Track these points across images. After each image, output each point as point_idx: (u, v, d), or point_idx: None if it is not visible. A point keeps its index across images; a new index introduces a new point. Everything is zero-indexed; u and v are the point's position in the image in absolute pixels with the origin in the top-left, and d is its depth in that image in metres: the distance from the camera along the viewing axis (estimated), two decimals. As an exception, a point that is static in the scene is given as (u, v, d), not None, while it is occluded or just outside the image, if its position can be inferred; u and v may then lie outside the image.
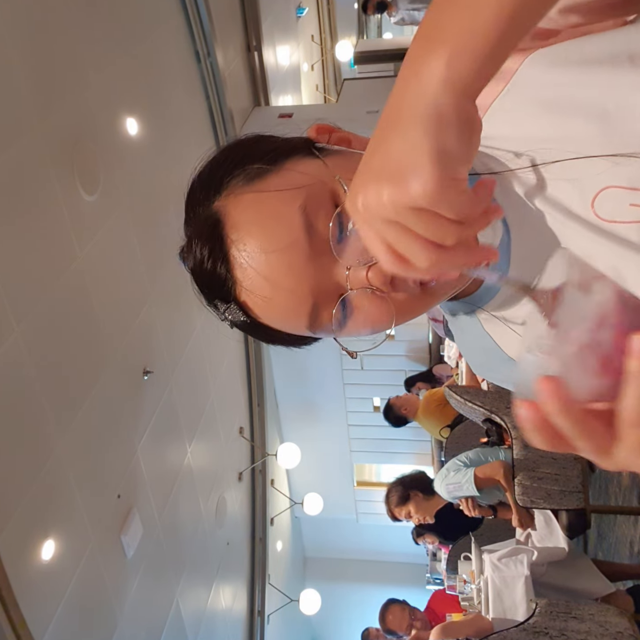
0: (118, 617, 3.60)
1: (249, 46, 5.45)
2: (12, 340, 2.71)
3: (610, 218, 0.65)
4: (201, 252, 0.66)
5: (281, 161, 0.66)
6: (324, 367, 7.20)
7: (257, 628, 6.25)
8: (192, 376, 4.68)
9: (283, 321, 0.67)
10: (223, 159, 0.69)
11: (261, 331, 0.69)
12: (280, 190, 0.64)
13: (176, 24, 4.31)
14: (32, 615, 2.75)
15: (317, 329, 0.67)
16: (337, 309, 0.65)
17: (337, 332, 0.67)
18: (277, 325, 0.68)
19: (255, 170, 0.66)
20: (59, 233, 3.05)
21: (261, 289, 0.64)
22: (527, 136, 0.67)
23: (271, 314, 0.66)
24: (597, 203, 0.66)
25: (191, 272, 0.69)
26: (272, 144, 0.69)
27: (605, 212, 0.65)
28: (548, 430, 0.46)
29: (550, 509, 3.13)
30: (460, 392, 3.47)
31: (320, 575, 9.12)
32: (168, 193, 3.63)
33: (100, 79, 3.36)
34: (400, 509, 3.90)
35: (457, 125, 0.49)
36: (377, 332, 0.69)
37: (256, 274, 0.63)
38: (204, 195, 0.68)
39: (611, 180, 0.64)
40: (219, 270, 0.65)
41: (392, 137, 0.50)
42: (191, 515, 4.78)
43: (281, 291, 0.64)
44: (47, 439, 2.97)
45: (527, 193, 0.68)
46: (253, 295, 0.65)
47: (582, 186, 0.66)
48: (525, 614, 2.70)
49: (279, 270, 0.63)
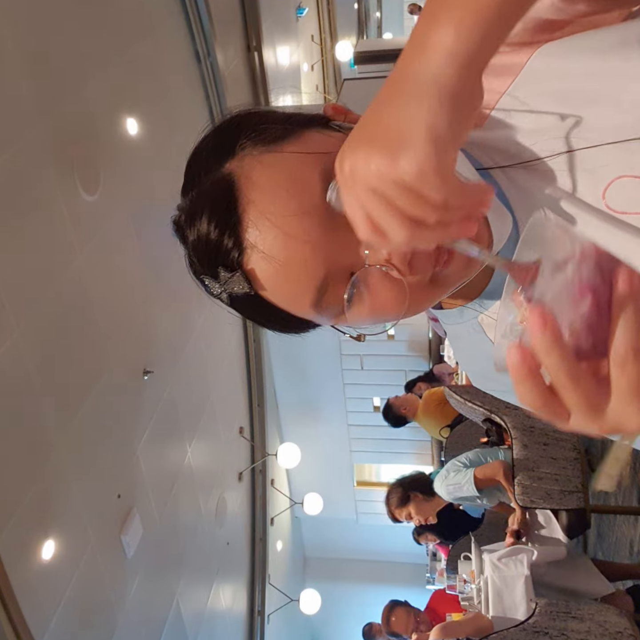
0: (118, 617, 3.60)
1: (249, 46, 5.44)
2: (12, 340, 2.71)
3: (621, 209, 0.64)
4: (209, 217, 0.62)
5: (300, 128, 0.64)
6: (324, 367, 7.20)
7: (257, 628, 6.25)
8: (192, 376, 4.68)
9: (288, 294, 0.63)
10: (234, 125, 0.66)
11: (261, 307, 0.65)
12: (305, 153, 0.62)
13: (176, 24, 4.31)
14: (32, 615, 2.75)
15: (322, 308, 0.63)
16: (349, 286, 0.62)
17: (343, 314, 0.64)
18: (280, 299, 0.64)
19: (275, 131, 0.63)
20: (59, 233, 3.05)
21: (277, 251, 0.60)
22: (540, 127, 0.66)
23: (278, 284, 0.62)
24: (609, 194, 0.64)
25: (191, 243, 0.65)
26: (285, 113, 0.67)
27: (617, 203, 0.64)
28: (538, 381, 0.45)
29: (550, 509, 3.13)
30: (460, 392, 3.47)
31: (320, 575, 9.12)
32: (168, 193, 3.62)
33: (100, 79, 3.36)
34: (400, 511, 3.90)
35: (459, 100, 0.48)
36: (385, 321, 0.66)
37: (273, 237, 0.60)
38: (213, 159, 0.64)
39: (624, 170, 0.63)
40: (229, 233, 0.61)
41: (391, 106, 0.49)
42: (191, 515, 4.78)
43: (295, 257, 0.60)
44: (47, 438, 2.97)
45: (538, 185, 0.67)
46: (264, 260, 0.61)
47: (594, 176, 0.65)
48: (525, 614, 2.70)
49: (297, 235, 0.60)
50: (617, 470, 0.47)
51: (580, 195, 0.66)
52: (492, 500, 3.53)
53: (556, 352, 0.43)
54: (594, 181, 0.65)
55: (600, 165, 0.64)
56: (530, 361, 0.44)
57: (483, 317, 0.77)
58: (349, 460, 8.28)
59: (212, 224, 0.62)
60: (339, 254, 0.61)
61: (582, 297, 0.44)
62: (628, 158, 0.63)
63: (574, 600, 2.72)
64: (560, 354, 0.44)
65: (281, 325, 0.69)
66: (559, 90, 0.65)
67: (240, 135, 0.64)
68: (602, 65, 0.63)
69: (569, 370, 0.44)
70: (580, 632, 2.51)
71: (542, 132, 0.66)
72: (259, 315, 0.68)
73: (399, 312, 0.64)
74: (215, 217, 0.62)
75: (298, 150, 0.62)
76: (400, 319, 0.65)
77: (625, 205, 0.64)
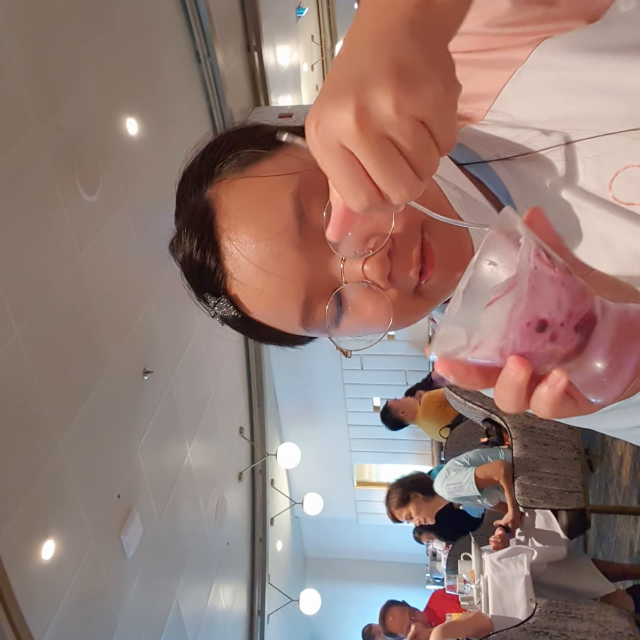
0: (118, 617, 3.60)
1: (249, 46, 5.44)
2: (12, 340, 2.71)
3: (629, 200, 0.63)
4: (190, 243, 0.63)
5: (275, 146, 0.64)
6: (324, 367, 7.20)
7: (257, 628, 6.25)
8: (192, 376, 4.68)
9: (275, 316, 0.64)
10: (215, 147, 0.66)
11: (253, 328, 0.66)
12: (273, 176, 0.61)
13: (176, 24, 4.31)
14: (32, 615, 2.74)
15: (310, 325, 0.63)
16: (331, 304, 0.62)
17: (331, 329, 0.64)
18: (269, 320, 0.65)
19: (248, 155, 0.63)
20: (59, 233, 3.05)
21: (252, 279, 0.61)
22: (544, 118, 0.66)
23: (263, 307, 0.63)
24: (615, 185, 0.63)
25: (181, 265, 0.66)
26: (265, 130, 0.67)
27: (624, 194, 0.63)
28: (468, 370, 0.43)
29: (550, 509, 3.13)
30: (460, 392, 3.47)
31: (320, 575, 9.11)
32: (168, 193, 3.62)
33: (100, 79, 3.36)
34: (400, 511, 3.91)
35: (419, 27, 0.45)
36: (373, 332, 0.66)
37: (247, 263, 0.60)
38: (196, 183, 0.65)
39: (630, 160, 0.62)
40: (208, 261, 0.62)
41: (349, 55, 0.46)
42: (191, 515, 4.78)
43: (272, 282, 0.60)
44: (47, 439, 2.97)
45: (543, 177, 0.66)
46: (244, 287, 0.61)
47: (600, 167, 0.64)
48: (525, 614, 2.70)
49: (269, 259, 0.60)
50: None
51: (587, 187, 0.65)
52: (493, 500, 3.53)
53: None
54: (599, 173, 0.64)
55: (604, 156, 0.63)
56: (457, 367, 0.42)
57: None
58: (349, 460, 8.28)
59: (194, 252, 0.63)
60: (317, 272, 0.61)
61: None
62: (634, 148, 0.62)
63: (574, 600, 2.72)
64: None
65: (277, 341, 0.69)
66: (563, 79, 0.64)
67: (218, 159, 0.64)
68: (605, 60, 0.63)
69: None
70: (580, 632, 2.51)
71: (544, 123, 0.65)
72: (252, 334, 0.68)
73: (384, 324, 0.63)
74: (195, 244, 0.63)
75: (270, 173, 0.61)
76: (392, 330, 0.64)
77: (632, 196, 0.63)
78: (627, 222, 0.63)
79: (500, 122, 0.68)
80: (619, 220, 0.63)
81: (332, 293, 0.62)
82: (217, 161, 0.64)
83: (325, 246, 0.60)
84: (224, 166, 0.64)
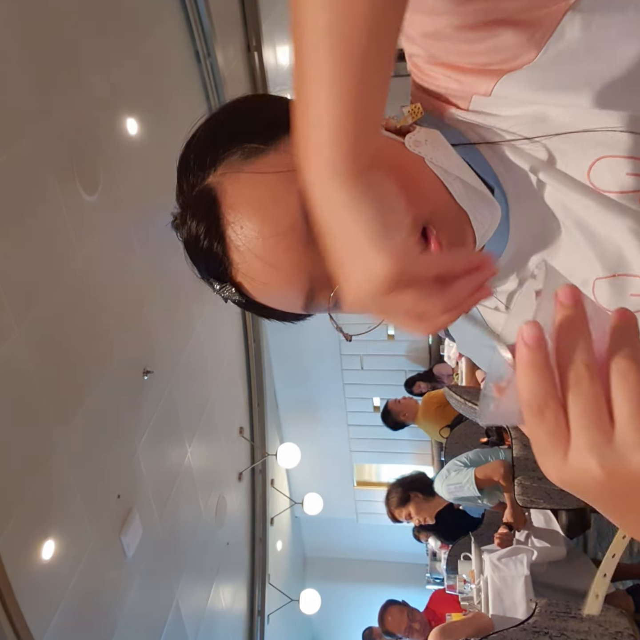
0: (118, 617, 3.60)
1: (249, 46, 5.44)
2: (12, 340, 2.71)
3: (605, 188, 0.66)
4: (197, 230, 0.64)
5: (280, 137, 0.63)
6: (324, 368, 7.20)
7: (257, 628, 6.25)
8: (192, 376, 4.68)
9: (279, 303, 0.67)
10: (220, 126, 0.66)
11: (256, 308, 0.69)
12: (279, 172, 0.61)
13: (176, 24, 4.31)
14: (32, 615, 2.74)
15: (313, 308, 0.67)
16: (335, 294, 0.63)
17: (333, 312, 0.67)
18: (272, 305, 0.67)
19: (255, 145, 0.63)
20: (59, 233, 3.05)
21: (258, 273, 0.62)
22: (525, 113, 0.66)
23: (267, 296, 0.65)
24: (593, 173, 0.66)
25: (185, 244, 0.67)
26: (272, 112, 0.65)
27: (601, 182, 0.66)
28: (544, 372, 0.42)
29: (550, 509, 3.13)
30: (460, 392, 3.47)
31: (320, 575, 9.11)
32: (168, 193, 3.62)
33: (100, 79, 3.36)
34: (400, 511, 3.91)
35: (365, 186, 0.50)
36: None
37: (253, 257, 0.62)
38: (199, 165, 0.65)
39: (607, 150, 0.64)
40: (215, 250, 0.63)
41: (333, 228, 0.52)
42: (191, 516, 4.78)
43: (278, 276, 0.62)
44: (47, 439, 2.97)
45: (526, 165, 0.68)
46: (248, 277, 0.63)
47: (580, 157, 0.66)
48: (525, 614, 2.70)
49: (276, 255, 0.61)
50: (603, 590, 0.46)
51: (570, 173, 0.67)
52: (493, 500, 3.53)
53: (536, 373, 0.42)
54: (579, 161, 0.66)
55: (584, 148, 0.65)
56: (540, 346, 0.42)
57: (484, 309, 0.77)
58: (349, 460, 8.28)
59: (200, 237, 0.64)
60: (321, 265, 0.60)
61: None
62: (611, 139, 0.64)
63: (574, 600, 2.72)
64: (539, 376, 0.42)
65: (279, 319, 0.72)
66: (541, 77, 0.64)
67: (222, 144, 0.64)
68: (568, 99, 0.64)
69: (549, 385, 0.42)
70: (580, 632, 2.50)
71: (525, 117, 0.67)
72: (256, 312, 0.71)
73: None
74: (202, 232, 0.63)
75: (276, 168, 0.61)
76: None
77: (608, 184, 0.66)
78: (603, 208, 0.66)
79: (484, 112, 0.69)
80: (594, 206, 0.66)
81: (331, 282, 0.62)
82: (221, 147, 0.64)
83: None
84: (228, 156, 0.63)
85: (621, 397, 0.40)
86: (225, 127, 0.65)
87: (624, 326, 0.42)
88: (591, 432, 0.41)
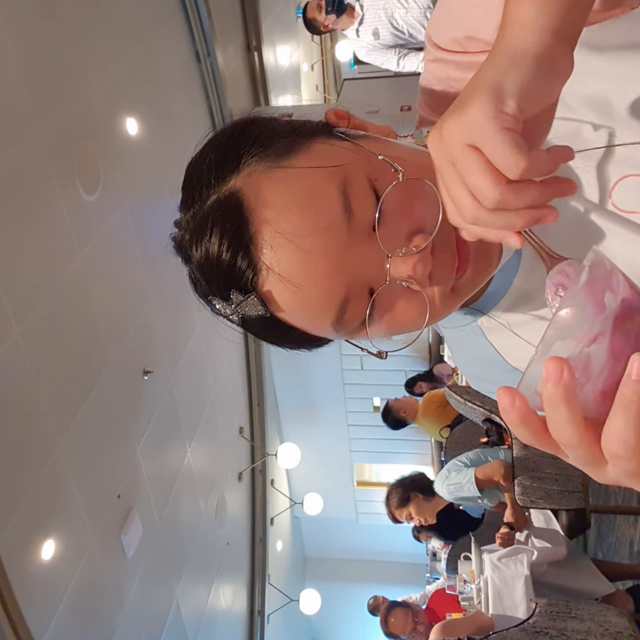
0: (118, 617, 3.60)
1: (249, 46, 5.44)
2: (12, 340, 2.71)
3: (629, 208, 0.63)
4: (219, 238, 0.59)
5: (307, 139, 0.61)
6: (324, 367, 7.20)
7: (257, 628, 6.25)
8: (192, 376, 4.67)
9: (307, 314, 0.61)
10: (237, 136, 0.62)
11: (274, 328, 0.63)
12: (317, 167, 0.58)
13: (176, 23, 4.31)
14: (32, 615, 2.74)
15: (342, 326, 0.61)
16: (370, 305, 0.60)
17: (363, 329, 0.62)
18: (298, 320, 0.62)
19: (282, 145, 0.60)
20: (59, 233, 3.05)
21: (294, 275, 0.57)
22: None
23: (297, 305, 0.60)
24: (616, 193, 0.63)
25: (197, 263, 0.62)
26: (289, 124, 0.64)
27: (624, 203, 0.63)
28: (532, 426, 0.43)
29: (550, 509, 3.13)
30: (460, 392, 3.48)
31: (320, 575, 9.11)
32: (168, 193, 3.62)
33: (100, 78, 3.36)
34: (400, 511, 3.91)
35: (531, 62, 0.48)
36: (405, 332, 0.65)
37: (290, 258, 0.57)
38: (216, 174, 0.61)
39: (630, 169, 0.63)
40: (241, 256, 0.58)
41: (473, 78, 0.51)
42: (191, 515, 4.78)
43: (315, 279, 0.58)
44: (47, 439, 2.97)
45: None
46: (282, 283, 0.58)
47: (602, 175, 0.64)
48: (525, 614, 2.69)
49: (315, 255, 0.57)
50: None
51: (588, 196, 0.65)
52: (493, 500, 3.53)
53: (563, 410, 0.41)
54: (601, 180, 0.64)
55: (605, 165, 0.64)
56: (520, 406, 0.42)
57: (483, 321, 0.75)
58: (349, 460, 8.28)
59: (223, 245, 0.59)
60: (359, 270, 0.59)
61: (615, 360, 0.41)
62: (634, 158, 0.62)
63: (574, 600, 2.72)
64: (567, 414, 0.41)
65: (294, 344, 0.67)
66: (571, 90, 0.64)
67: (245, 148, 0.61)
68: (613, 65, 0.63)
69: (573, 430, 0.42)
70: (580, 632, 2.50)
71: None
72: (271, 335, 0.65)
73: (420, 324, 0.62)
74: (226, 238, 0.59)
75: (308, 164, 0.59)
76: (426, 327, 0.63)
77: (632, 205, 0.63)
78: (626, 231, 0.63)
79: None
80: (616, 229, 0.63)
81: (368, 292, 0.60)
82: (243, 151, 0.61)
83: (370, 243, 0.58)
84: (253, 157, 0.60)
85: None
86: (242, 135, 0.62)
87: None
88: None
